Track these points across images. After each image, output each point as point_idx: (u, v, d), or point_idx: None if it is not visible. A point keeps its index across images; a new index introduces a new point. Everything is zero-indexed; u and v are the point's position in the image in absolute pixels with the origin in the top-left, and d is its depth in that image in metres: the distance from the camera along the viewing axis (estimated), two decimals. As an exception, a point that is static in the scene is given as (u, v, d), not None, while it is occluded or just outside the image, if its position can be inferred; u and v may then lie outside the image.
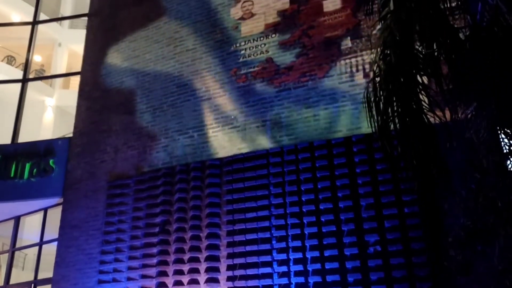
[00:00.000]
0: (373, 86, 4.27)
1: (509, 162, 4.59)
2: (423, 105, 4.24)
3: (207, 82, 9.11)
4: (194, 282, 7.71)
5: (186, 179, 8.44)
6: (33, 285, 10.12)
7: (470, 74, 4.26)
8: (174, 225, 8.17)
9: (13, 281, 10.68)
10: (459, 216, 4.66)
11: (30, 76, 13.02)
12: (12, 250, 10.53)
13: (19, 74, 13.77)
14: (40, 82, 17.96)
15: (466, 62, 4.24)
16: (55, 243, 9.45)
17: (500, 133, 4.47)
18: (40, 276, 9.95)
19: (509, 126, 4.35)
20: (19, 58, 18.47)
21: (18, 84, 11.90)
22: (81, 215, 9.25)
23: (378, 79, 4.27)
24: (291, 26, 8.76)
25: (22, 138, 11.33)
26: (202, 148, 8.65)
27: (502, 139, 4.51)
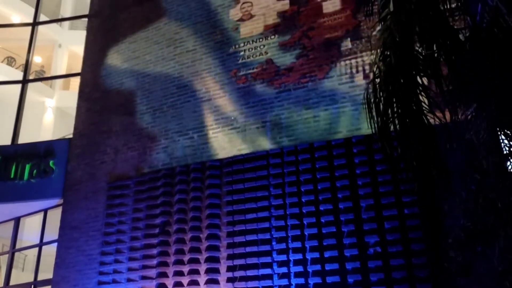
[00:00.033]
0: (373, 87, 4.27)
1: (509, 163, 4.59)
2: (423, 106, 4.23)
3: (207, 83, 9.11)
4: (194, 283, 7.70)
5: (186, 180, 8.44)
6: (33, 286, 10.13)
7: (470, 75, 4.25)
8: (174, 226, 8.17)
9: (13, 282, 10.67)
10: (459, 217, 4.66)
11: (30, 77, 13.05)
12: (12, 251, 10.52)
13: (19, 75, 13.77)
14: (40, 83, 17.96)
15: (466, 63, 4.23)
16: (55, 244, 9.45)
17: (500, 134, 4.47)
18: (40, 277, 9.94)
19: (509, 127, 4.35)
20: (19, 59, 18.48)
21: (18, 85, 11.90)
22: (81, 216, 9.25)
23: (378, 80, 4.27)
24: (291, 27, 8.77)
25: (22, 139, 11.33)
26: (202, 149, 8.65)
27: (502, 140, 4.51)
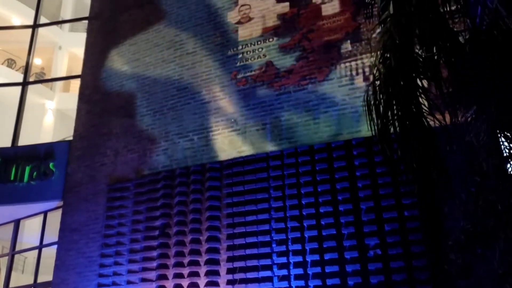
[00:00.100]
0: (373, 90, 4.28)
1: (509, 165, 4.59)
2: (423, 108, 4.24)
3: (207, 85, 9.11)
4: (194, 285, 7.69)
5: (186, 182, 8.44)
6: (32, 288, 10.13)
7: (470, 78, 4.26)
8: (174, 228, 8.16)
9: (12, 284, 10.65)
10: (459, 219, 4.66)
11: (30, 79, 13.04)
12: (12, 253, 10.52)
13: (20, 77, 13.80)
14: (40, 85, 17.96)
15: (466, 65, 4.24)
16: (55, 246, 9.44)
17: (500, 136, 4.47)
18: (40, 279, 9.93)
19: (509, 129, 4.36)
20: (20, 61, 18.50)
21: (19, 87, 11.91)
22: (81, 218, 9.24)
23: (378, 83, 4.27)
24: (291, 29, 8.78)
25: (22, 141, 11.34)
26: (202, 151, 8.65)
27: (502, 142, 4.51)
